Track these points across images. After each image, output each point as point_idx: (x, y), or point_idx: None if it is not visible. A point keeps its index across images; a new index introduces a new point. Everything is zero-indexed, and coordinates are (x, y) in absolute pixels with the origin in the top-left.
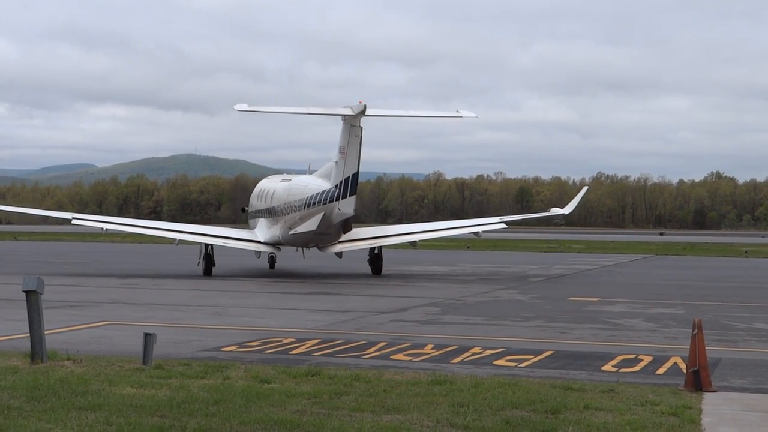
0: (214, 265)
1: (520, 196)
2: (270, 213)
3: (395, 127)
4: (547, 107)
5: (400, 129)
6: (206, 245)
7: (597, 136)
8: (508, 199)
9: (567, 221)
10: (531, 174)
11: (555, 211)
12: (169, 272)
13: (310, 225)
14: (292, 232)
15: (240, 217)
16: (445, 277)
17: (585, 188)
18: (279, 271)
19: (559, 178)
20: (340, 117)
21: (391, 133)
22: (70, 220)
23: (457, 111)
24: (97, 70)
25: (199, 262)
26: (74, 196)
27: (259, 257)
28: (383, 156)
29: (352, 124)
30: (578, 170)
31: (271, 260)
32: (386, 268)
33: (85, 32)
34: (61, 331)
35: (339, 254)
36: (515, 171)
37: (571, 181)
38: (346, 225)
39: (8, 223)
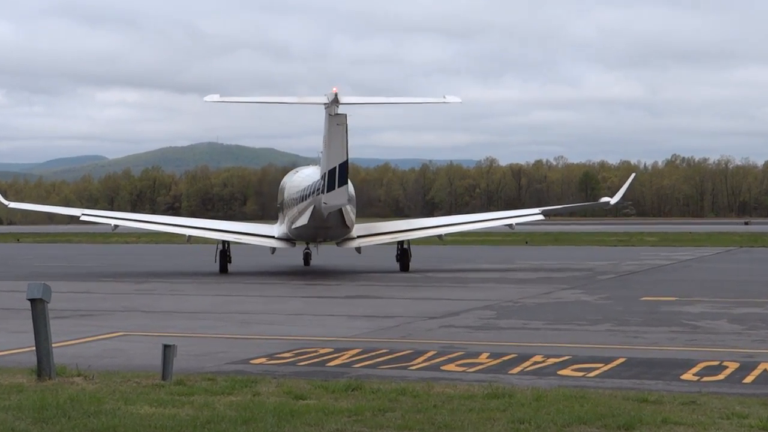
0: (229, 262)
1: (585, 183)
2: (282, 207)
3: (440, 109)
4: (611, 82)
5: (445, 110)
6: (221, 242)
7: (669, 113)
8: (571, 186)
9: (639, 211)
10: (596, 158)
11: (603, 200)
12: (187, 274)
13: (303, 219)
14: (294, 226)
15: (268, 212)
16: (500, 276)
17: (633, 175)
18: (302, 270)
19: (628, 162)
20: (322, 106)
21: (436, 115)
22: (79, 216)
23: (444, 96)
24: (102, 50)
25: (216, 259)
26: (83, 192)
27: (273, 253)
28: (428, 141)
29: (330, 113)
30: (649, 153)
31: (306, 257)
32: (433, 266)
33: (89, 8)
34: (70, 343)
35: (358, 249)
36: (578, 155)
37: (642, 165)
38: (343, 218)
39: (10, 223)
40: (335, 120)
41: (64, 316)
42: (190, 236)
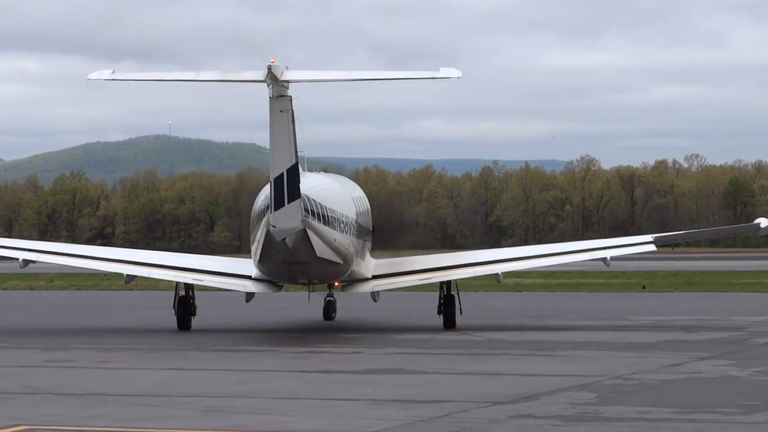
0: (193, 315)
1: (732, 196)
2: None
3: (506, 84)
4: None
5: (514, 85)
6: (181, 284)
7: None
8: (711, 200)
9: None
10: (749, 157)
11: (759, 222)
12: (127, 335)
13: (259, 251)
14: (256, 262)
15: (248, 240)
16: (603, 339)
17: None
18: (302, 327)
19: None
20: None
21: (500, 91)
22: None
23: (439, 70)
24: None
25: (174, 310)
26: None
27: (247, 301)
28: (489, 131)
29: (270, 95)
30: None
31: (328, 307)
32: (497, 322)
33: None
34: None
35: (374, 296)
36: (721, 152)
37: None
38: (312, 247)
39: None
40: (277, 105)
41: None
42: (130, 276)
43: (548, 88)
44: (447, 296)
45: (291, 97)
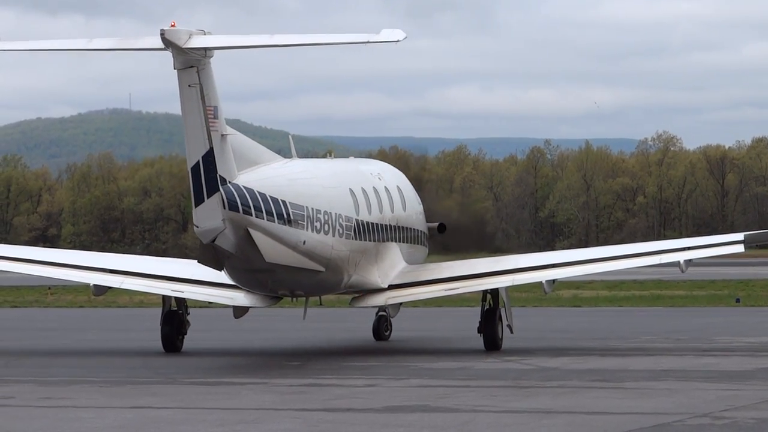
0: (184, 333)
1: None
2: None
3: (554, 37)
4: None
5: (565, 40)
6: (169, 298)
7: None
8: None
9: None
10: None
11: None
12: (80, 364)
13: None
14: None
15: None
16: (684, 366)
17: None
18: (301, 349)
19: None
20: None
21: (547, 50)
22: None
23: (380, 33)
24: None
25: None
26: None
27: (237, 317)
28: (538, 101)
29: (176, 67)
30: None
31: (379, 323)
32: (551, 345)
33: None
34: None
35: (387, 311)
36: None
37: None
38: (256, 247)
39: None
40: (184, 78)
41: None
42: (100, 288)
43: (613, 47)
44: (488, 310)
45: (196, 68)
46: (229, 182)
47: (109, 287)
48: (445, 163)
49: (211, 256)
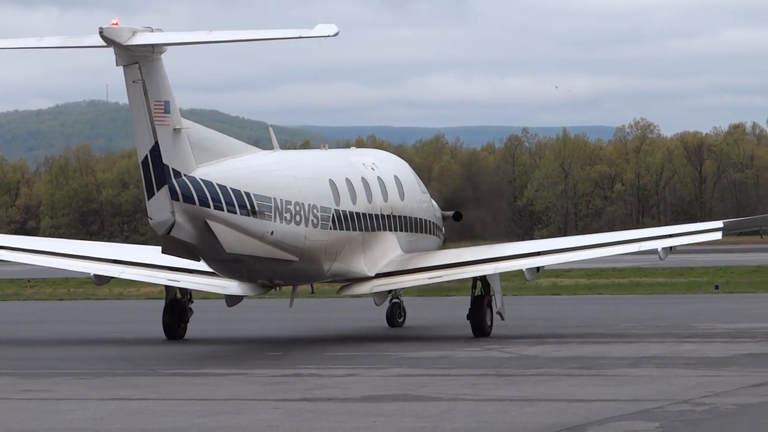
0: (184, 321)
1: None
2: None
3: (531, 25)
4: None
5: (543, 28)
6: (174, 289)
7: None
8: None
9: None
10: None
11: None
12: (60, 356)
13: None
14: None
15: None
16: (664, 352)
17: None
18: (287, 337)
19: None
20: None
21: (524, 37)
22: None
23: (313, 28)
24: None
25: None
26: None
27: (230, 306)
28: (516, 89)
29: (119, 63)
30: None
31: (393, 310)
32: (536, 333)
33: None
34: None
35: (377, 297)
36: None
37: None
38: (216, 238)
39: None
40: (128, 75)
41: None
42: (102, 278)
43: (590, 34)
44: (477, 297)
45: (138, 64)
46: (185, 175)
47: (111, 277)
48: (423, 152)
49: (172, 246)
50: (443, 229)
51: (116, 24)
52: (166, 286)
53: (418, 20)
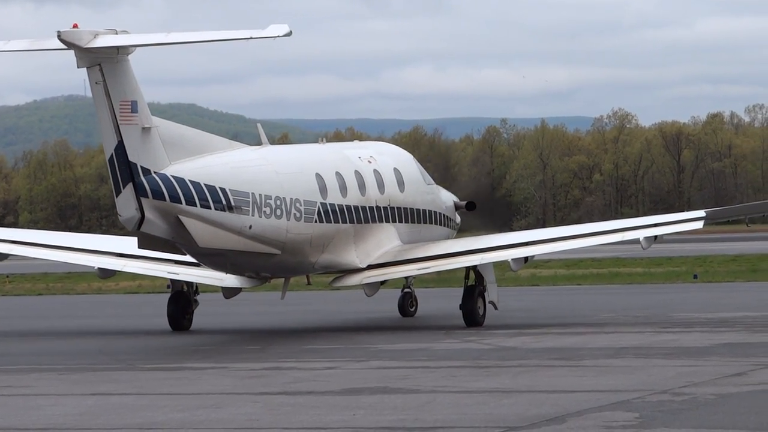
0: (189, 313)
1: None
2: None
3: (509, 16)
4: None
5: (520, 19)
6: (180, 283)
7: None
8: None
9: None
10: None
11: None
12: (39, 351)
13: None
14: None
15: None
16: (644, 342)
17: None
18: (259, 329)
19: None
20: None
21: (502, 29)
22: None
23: (266, 28)
24: None
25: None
26: None
27: (227, 298)
28: (493, 81)
29: (80, 65)
30: None
31: (404, 300)
32: (514, 323)
33: None
34: None
35: (368, 289)
36: None
37: None
38: (184, 236)
39: None
40: (91, 76)
41: None
42: (106, 271)
43: (567, 25)
44: (469, 287)
45: (100, 65)
46: (155, 172)
47: (115, 271)
48: (401, 144)
49: (147, 241)
50: (457, 219)
51: (76, 26)
52: (172, 279)
53: (394, 12)
